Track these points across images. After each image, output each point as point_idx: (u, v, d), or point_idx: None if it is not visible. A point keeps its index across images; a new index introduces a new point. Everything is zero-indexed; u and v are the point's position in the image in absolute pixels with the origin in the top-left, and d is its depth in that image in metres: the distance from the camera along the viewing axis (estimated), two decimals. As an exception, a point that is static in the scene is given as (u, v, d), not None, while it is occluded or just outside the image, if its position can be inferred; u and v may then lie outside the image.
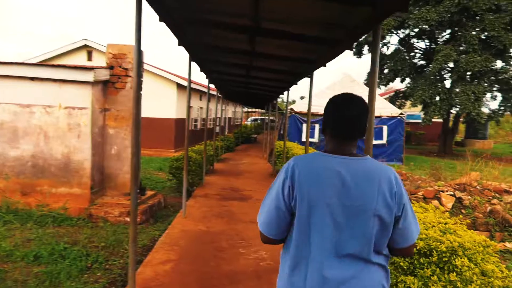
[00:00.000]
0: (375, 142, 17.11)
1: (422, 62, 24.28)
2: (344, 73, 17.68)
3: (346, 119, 1.56)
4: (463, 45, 19.73)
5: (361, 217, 1.46)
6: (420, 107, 22.22)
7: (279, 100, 23.01)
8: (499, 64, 20.67)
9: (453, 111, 21.81)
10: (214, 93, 20.78)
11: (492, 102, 20.16)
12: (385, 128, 17.06)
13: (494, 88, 21.41)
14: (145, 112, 18.29)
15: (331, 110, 1.61)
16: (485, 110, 21.40)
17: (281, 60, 6.31)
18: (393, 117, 17.07)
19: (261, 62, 7.17)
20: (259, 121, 40.05)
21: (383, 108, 17.12)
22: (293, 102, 67.35)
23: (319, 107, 17.77)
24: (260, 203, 1.65)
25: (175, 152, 17.38)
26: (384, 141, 17.10)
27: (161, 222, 6.58)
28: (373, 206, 1.45)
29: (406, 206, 1.52)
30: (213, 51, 6.96)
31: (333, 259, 1.47)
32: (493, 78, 20.75)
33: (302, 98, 77.08)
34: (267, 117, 46.35)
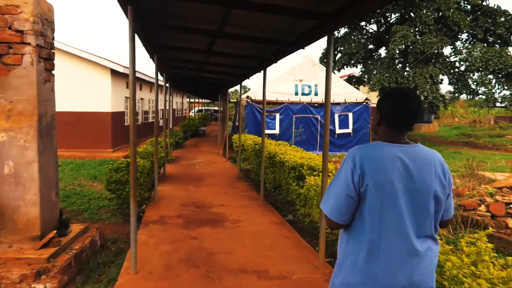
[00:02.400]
0: (340, 131, 15.44)
1: (374, 45, 23.12)
2: (305, 55, 15.66)
3: (410, 112, 1.66)
4: (419, 26, 18.62)
5: (424, 198, 1.59)
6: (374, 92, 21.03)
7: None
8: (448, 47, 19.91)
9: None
10: (160, 82, 17.87)
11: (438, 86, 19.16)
12: (350, 115, 15.42)
13: (443, 72, 20.70)
14: (74, 106, 14.97)
15: (393, 104, 1.69)
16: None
17: (259, 30, 4.00)
18: (358, 103, 15.45)
19: (236, 29, 4.80)
20: (203, 112, 37.23)
21: (347, 93, 15.44)
22: (236, 92, 64.57)
23: (279, 94, 15.64)
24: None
25: (114, 152, 14.36)
26: (350, 129, 15.47)
27: (97, 278, 4.01)
28: (433, 187, 1.59)
29: (452, 184, 1.68)
30: (167, 15, 4.48)
31: (406, 240, 1.57)
32: (440, 61, 19.97)
33: (244, 88, 74.15)
34: (213, 108, 43.74)
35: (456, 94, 19.75)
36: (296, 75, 15.25)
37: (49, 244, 4.01)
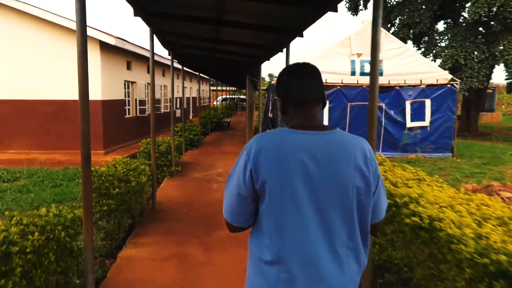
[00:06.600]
0: (412, 124, 10.81)
1: (435, 17, 18.03)
2: (364, 20, 11.05)
3: (306, 84, 1.33)
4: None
5: (339, 197, 1.20)
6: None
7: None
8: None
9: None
10: (168, 62, 13.65)
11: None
12: (428, 102, 10.72)
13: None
14: (53, 93, 9.96)
15: (287, 80, 1.36)
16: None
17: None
18: (440, 86, 10.73)
19: None
20: (229, 101, 33.00)
21: (426, 72, 10.72)
22: (263, 80, 59.41)
23: (329, 74, 10.91)
24: None
25: (106, 154, 10.34)
26: (426, 122, 10.81)
27: None
28: (351, 182, 1.21)
29: (380, 177, 1.31)
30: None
31: (314, 253, 1.18)
32: None
33: (271, 76, 67.85)
34: (239, 96, 39.42)
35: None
36: (352, 48, 10.67)
37: None
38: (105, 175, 3.97)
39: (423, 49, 17.16)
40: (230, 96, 35.99)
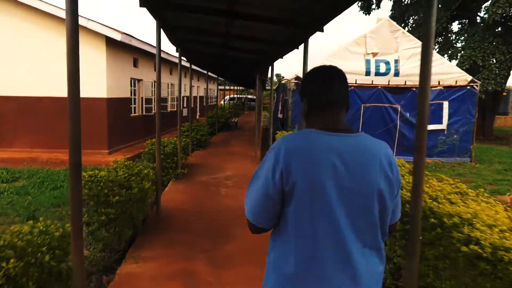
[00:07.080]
0: (430, 127, 10.29)
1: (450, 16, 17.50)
2: (381, 18, 10.59)
3: (332, 87, 1.30)
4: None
5: (366, 199, 1.19)
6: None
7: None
8: None
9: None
10: (176, 60, 13.31)
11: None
12: (445, 104, 10.23)
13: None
14: (59, 89, 9.41)
15: (314, 82, 1.34)
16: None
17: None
18: (459, 88, 10.24)
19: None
20: (236, 100, 32.58)
21: (444, 73, 10.22)
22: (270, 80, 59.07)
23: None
24: None
25: (110, 154, 9.99)
26: (443, 125, 10.33)
27: None
28: (377, 186, 1.19)
29: (400, 182, 1.29)
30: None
31: (344, 255, 1.17)
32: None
33: (278, 76, 67.13)
34: (246, 96, 39.00)
35: None
36: (368, 47, 10.21)
37: None
38: (104, 180, 3.59)
39: (437, 50, 16.66)
40: (238, 96, 35.59)
